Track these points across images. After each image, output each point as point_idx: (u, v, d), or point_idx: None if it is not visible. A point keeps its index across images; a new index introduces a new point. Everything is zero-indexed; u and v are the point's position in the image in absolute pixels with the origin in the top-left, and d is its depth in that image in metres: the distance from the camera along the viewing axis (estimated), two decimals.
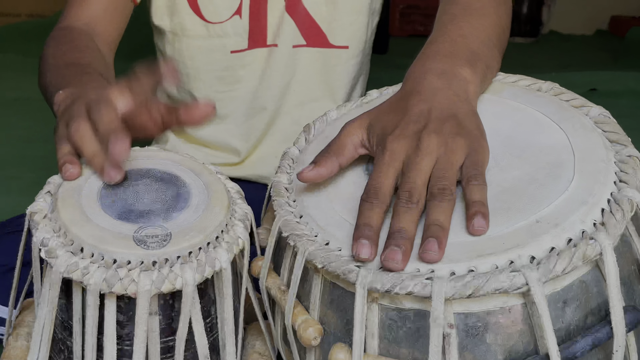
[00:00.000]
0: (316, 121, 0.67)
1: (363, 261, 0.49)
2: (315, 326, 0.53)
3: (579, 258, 0.46)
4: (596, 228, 0.48)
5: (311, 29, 0.93)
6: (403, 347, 0.49)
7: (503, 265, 0.47)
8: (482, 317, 0.47)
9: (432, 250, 0.48)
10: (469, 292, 0.45)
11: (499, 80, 0.66)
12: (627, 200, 0.49)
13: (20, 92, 1.76)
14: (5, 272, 0.74)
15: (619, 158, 0.54)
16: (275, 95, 0.95)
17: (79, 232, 0.53)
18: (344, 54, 0.95)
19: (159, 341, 0.54)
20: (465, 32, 0.65)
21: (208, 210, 0.57)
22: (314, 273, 0.54)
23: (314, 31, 0.93)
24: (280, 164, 0.64)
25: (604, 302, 0.48)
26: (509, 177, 0.54)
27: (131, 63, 0.67)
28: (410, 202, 0.50)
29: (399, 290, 0.47)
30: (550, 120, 0.59)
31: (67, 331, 0.55)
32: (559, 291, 0.47)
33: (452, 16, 0.68)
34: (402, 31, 3.76)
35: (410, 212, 0.50)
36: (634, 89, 2.08)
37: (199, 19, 0.92)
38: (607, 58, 3.06)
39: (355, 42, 0.95)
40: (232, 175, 0.94)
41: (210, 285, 0.57)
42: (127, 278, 0.51)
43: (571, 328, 0.48)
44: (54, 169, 0.59)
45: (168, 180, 0.60)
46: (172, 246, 0.53)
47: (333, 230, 0.54)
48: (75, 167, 0.58)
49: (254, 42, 0.93)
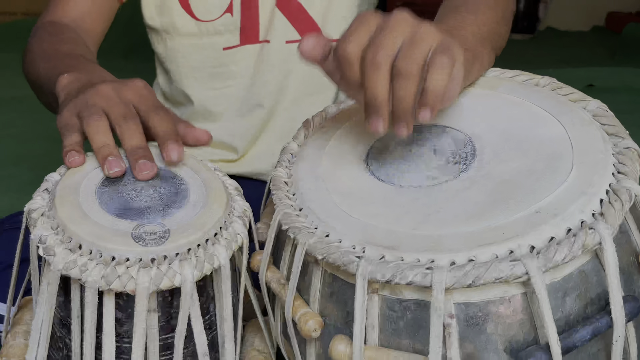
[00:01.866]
0: (315, 116, 0.68)
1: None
2: (315, 318, 0.53)
3: (579, 247, 0.46)
4: (595, 218, 0.48)
5: (305, 23, 0.93)
6: (403, 338, 0.49)
7: (503, 255, 0.47)
8: (482, 307, 0.47)
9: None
10: (469, 282, 0.46)
11: (496, 75, 0.66)
12: (626, 190, 0.50)
13: (16, 90, 1.76)
14: (4, 269, 0.74)
15: (617, 150, 0.54)
16: (272, 92, 0.95)
17: (77, 230, 0.53)
18: None
19: (158, 338, 0.54)
20: (459, 23, 0.65)
21: (206, 207, 0.57)
22: (313, 265, 0.54)
23: (308, 25, 0.93)
24: (279, 159, 0.64)
25: (604, 292, 0.49)
26: (508, 169, 0.54)
27: (128, 62, 0.67)
28: (379, 68, 0.51)
29: (399, 280, 0.47)
30: (548, 114, 0.59)
31: (65, 329, 0.55)
32: (558, 281, 0.48)
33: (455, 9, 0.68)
34: None
35: (380, 76, 0.51)
36: (631, 85, 2.08)
37: (190, 17, 0.93)
38: (604, 54, 3.07)
39: None
40: (230, 172, 0.94)
41: (209, 282, 0.57)
42: (125, 275, 0.51)
43: (571, 318, 0.48)
44: (51, 167, 0.59)
45: (166, 177, 0.60)
46: (170, 243, 0.53)
47: (333, 222, 0.54)
48: (80, 156, 0.58)
49: (245, 39, 0.93)
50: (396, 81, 0.51)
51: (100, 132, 0.59)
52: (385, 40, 0.51)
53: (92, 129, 0.59)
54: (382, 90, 0.51)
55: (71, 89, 0.65)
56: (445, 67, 0.50)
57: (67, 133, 0.60)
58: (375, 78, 0.51)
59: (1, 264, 0.76)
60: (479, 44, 0.64)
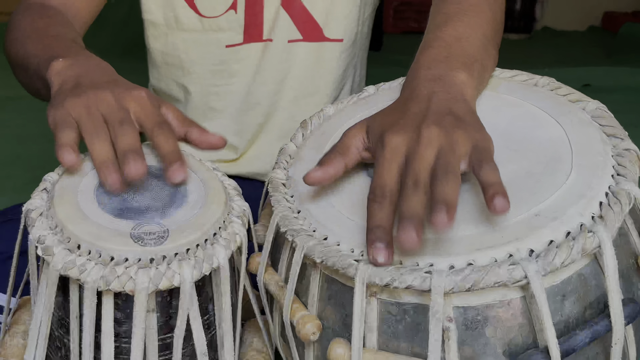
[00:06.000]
0: (313, 117, 0.67)
1: (381, 265, 0.48)
2: (313, 321, 0.53)
3: (578, 251, 0.46)
4: (594, 221, 0.48)
5: (307, 22, 0.93)
6: (402, 342, 0.49)
7: (502, 259, 0.47)
8: (481, 311, 0.47)
9: (441, 216, 0.46)
10: (468, 286, 0.45)
11: (496, 75, 0.66)
12: (625, 193, 0.50)
13: (13, 90, 1.75)
14: (5, 260, 0.74)
15: (616, 152, 0.54)
16: (270, 91, 0.95)
17: (76, 230, 0.53)
18: (339, 46, 0.95)
19: (157, 338, 0.54)
20: (460, 33, 0.64)
21: (205, 207, 0.57)
22: (312, 268, 0.54)
23: (310, 25, 0.93)
24: (277, 160, 0.64)
25: (603, 295, 0.49)
26: (507, 171, 0.54)
27: (124, 61, 0.67)
28: (416, 187, 0.49)
29: (398, 284, 0.47)
30: (547, 115, 0.59)
31: (64, 329, 0.55)
32: (558, 284, 0.48)
33: (446, 16, 0.67)
34: (395, 28, 3.76)
35: (417, 195, 0.48)
36: (627, 84, 2.09)
37: (193, 12, 0.92)
38: (600, 54, 3.07)
39: (349, 35, 0.95)
40: (229, 173, 0.93)
41: (208, 282, 0.56)
42: (124, 275, 0.51)
43: (570, 321, 0.48)
44: (49, 167, 0.59)
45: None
46: (169, 243, 0.53)
47: (331, 225, 0.54)
48: (73, 155, 0.56)
49: (249, 37, 0.93)
50: (434, 181, 0.49)
51: (100, 145, 0.56)
52: (422, 174, 0.50)
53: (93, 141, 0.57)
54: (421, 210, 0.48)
55: (66, 77, 0.63)
56: (495, 175, 0.49)
57: (62, 128, 0.57)
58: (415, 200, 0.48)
59: (2, 254, 0.75)
60: (485, 49, 0.64)
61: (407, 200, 0.48)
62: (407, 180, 0.50)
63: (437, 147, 0.51)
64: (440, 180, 0.48)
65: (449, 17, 0.67)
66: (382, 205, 0.49)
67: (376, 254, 0.48)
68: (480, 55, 0.63)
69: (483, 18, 0.67)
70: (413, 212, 0.47)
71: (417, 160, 0.50)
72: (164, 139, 0.58)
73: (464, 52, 0.62)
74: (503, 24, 0.72)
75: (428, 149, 0.51)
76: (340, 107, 0.69)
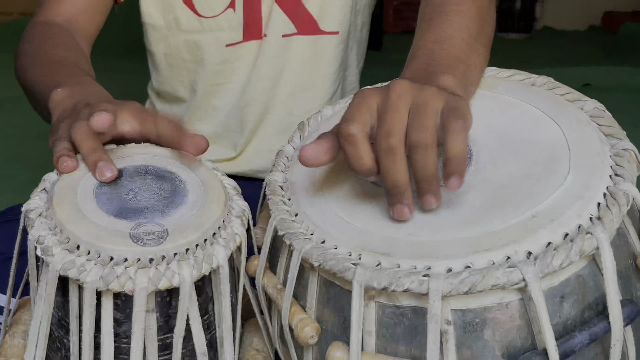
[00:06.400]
0: (310, 119, 0.67)
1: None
2: (312, 325, 0.53)
3: (576, 253, 0.46)
4: (592, 222, 0.48)
5: (302, 16, 0.93)
6: (400, 345, 0.49)
7: (500, 261, 0.47)
8: (479, 313, 0.47)
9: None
10: (465, 289, 0.45)
11: (493, 75, 0.65)
12: (623, 193, 0.49)
13: (12, 90, 1.75)
14: (4, 261, 0.74)
15: (614, 152, 0.54)
16: (266, 87, 0.95)
17: (75, 230, 0.53)
18: (334, 39, 0.95)
19: (157, 338, 0.54)
20: (442, 37, 0.64)
21: (205, 206, 0.57)
22: (310, 272, 0.54)
23: (305, 18, 0.93)
24: (275, 162, 0.63)
25: (601, 297, 0.48)
26: (505, 173, 0.54)
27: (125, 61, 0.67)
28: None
29: (395, 287, 0.47)
30: (545, 115, 0.58)
31: (63, 329, 0.55)
32: (556, 286, 0.47)
33: (429, 22, 0.67)
34: (395, 27, 3.76)
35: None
36: (627, 84, 2.09)
37: (192, 13, 0.93)
38: (600, 53, 3.07)
39: (344, 27, 0.95)
40: (229, 172, 0.93)
41: (207, 282, 0.57)
42: (124, 275, 0.51)
43: (568, 323, 0.48)
44: (48, 167, 0.59)
45: (164, 176, 0.60)
46: (169, 243, 0.53)
47: (329, 228, 0.54)
48: (72, 161, 0.58)
49: (249, 34, 0.93)
50: (414, 154, 0.50)
51: (87, 137, 0.58)
52: (392, 121, 0.51)
53: (78, 135, 0.58)
54: (402, 174, 0.51)
55: (65, 107, 0.65)
56: (461, 131, 0.49)
57: (57, 143, 0.59)
58: (393, 164, 0.50)
59: (2, 255, 0.76)
60: (470, 48, 0.64)
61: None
62: (380, 133, 0.51)
63: (409, 99, 0.52)
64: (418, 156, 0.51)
65: (432, 22, 0.67)
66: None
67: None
68: (465, 55, 0.63)
69: (467, 16, 0.67)
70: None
71: (389, 111, 0.51)
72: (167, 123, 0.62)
73: (448, 55, 0.62)
74: (493, 18, 0.72)
75: (400, 99, 0.52)
76: (337, 109, 0.68)
